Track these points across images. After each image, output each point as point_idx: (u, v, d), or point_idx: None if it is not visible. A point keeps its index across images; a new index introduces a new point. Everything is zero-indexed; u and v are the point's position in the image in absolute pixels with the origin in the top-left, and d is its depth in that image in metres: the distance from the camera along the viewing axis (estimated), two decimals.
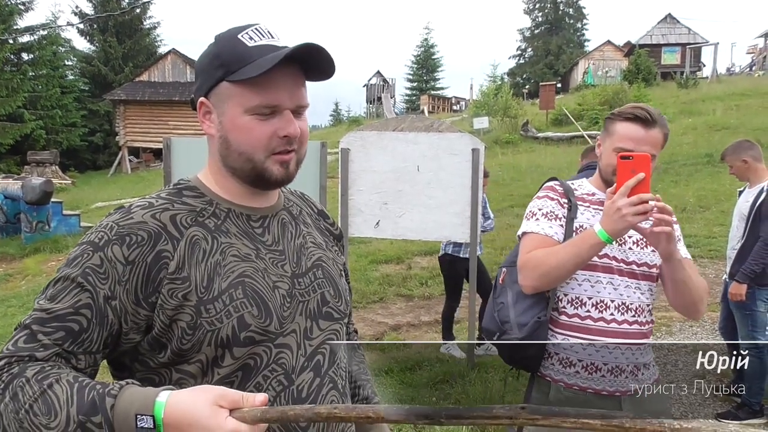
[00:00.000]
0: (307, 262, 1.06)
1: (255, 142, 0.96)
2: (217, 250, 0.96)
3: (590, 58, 37.53)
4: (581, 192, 1.80)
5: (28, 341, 0.86)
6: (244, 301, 0.94)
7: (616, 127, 1.70)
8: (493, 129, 19.92)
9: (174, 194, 1.01)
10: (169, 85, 28.55)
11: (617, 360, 1.68)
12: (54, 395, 0.80)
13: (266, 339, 0.96)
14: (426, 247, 8.22)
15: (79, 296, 0.89)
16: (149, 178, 22.56)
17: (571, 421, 0.75)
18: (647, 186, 1.47)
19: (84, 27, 32.24)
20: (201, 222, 0.98)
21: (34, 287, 8.30)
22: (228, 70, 0.95)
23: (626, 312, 1.69)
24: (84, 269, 0.90)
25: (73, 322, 0.88)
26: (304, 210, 1.16)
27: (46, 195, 10.31)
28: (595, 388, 1.68)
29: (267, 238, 1.03)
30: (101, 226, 0.95)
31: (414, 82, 47.38)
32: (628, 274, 1.70)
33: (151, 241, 0.93)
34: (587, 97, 22.12)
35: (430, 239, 4.89)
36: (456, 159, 4.29)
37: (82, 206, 16.00)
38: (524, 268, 1.71)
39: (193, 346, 0.92)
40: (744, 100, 18.92)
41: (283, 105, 0.96)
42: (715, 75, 26.85)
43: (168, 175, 3.87)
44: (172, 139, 4.01)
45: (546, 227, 1.74)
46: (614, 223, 1.50)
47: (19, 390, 0.81)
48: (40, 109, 26.36)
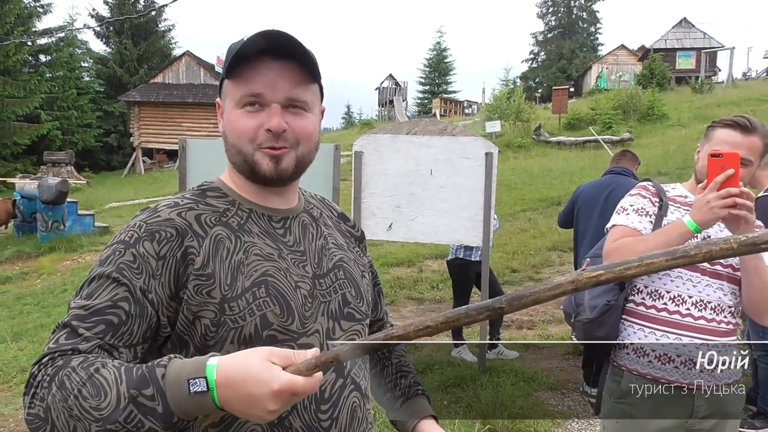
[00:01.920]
0: (328, 263, 1.07)
1: (241, 134, 0.98)
2: (240, 249, 0.98)
3: (604, 62, 37.29)
4: (673, 194, 1.88)
5: (69, 337, 0.87)
6: (267, 300, 0.95)
7: (715, 133, 1.78)
8: (505, 133, 19.86)
9: (198, 195, 1.03)
10: (183, 87, 28.79)
11: (691, 353, 1.71)
12: (102, 377, 0.79)
13: (288, 338, 0.97)
14: (437, 251, 8.22)
15: (116, 291, 0.90)
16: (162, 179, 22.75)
17: (635, 266, 0.75)
18: (736, 182, 1.57)
19: (100, 29, 32.64)
20: (224, 222, 1.00)
21: (49, 285, 8.40)
22: (227, 69, 0.98)
23: (704, 309, 1.73)
24: (118, 266, 0.92)
25: (112, 315, 0.88)
26: (324, 213, 1.17)
27: (61, 195, 10.43)
28: (667, 379, 1.73)
29: (288, 238, 1.05)
30: (130, 226, 0.97)
31: (426, 86, 47.35)
32: (710, 273, 1.75)
33: (179, 238, 0.94)
34: (600, 101, 21.99)
35: (442, 242, 4.89)
36: (469, 163, 4.30)
37: (96, 206, 16.18)
38: (612, 254, 1.78)
39: (216, 344, 0.93)
40: (761, 106, 18.70)
41: (268, 97, 0.96)
42: (731, 80, 26.58)
43: (183, 176, 3.91)
44: (188, 141, 4.05)
45: (636, 221, 1.81)
46: (703, 215, 1.60)
47: (66, 378, 0.80)
48: (56, 110, 26.72)
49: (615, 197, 2.14)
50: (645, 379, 1.75)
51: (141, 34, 33.03)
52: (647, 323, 1.77)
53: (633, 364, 1.78)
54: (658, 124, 19.48)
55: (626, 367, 1.79)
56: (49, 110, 26.20)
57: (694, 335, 1.72)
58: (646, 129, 18.98)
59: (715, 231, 1.77)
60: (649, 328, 1.76)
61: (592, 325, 1.83)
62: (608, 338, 1.81)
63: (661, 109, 20.18)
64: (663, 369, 1.73)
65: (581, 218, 4.08)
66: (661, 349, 1.74)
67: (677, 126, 18.06)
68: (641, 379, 1.75)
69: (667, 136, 16.74)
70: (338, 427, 1.00)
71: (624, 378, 1.79)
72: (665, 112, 20.10)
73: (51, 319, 6.66)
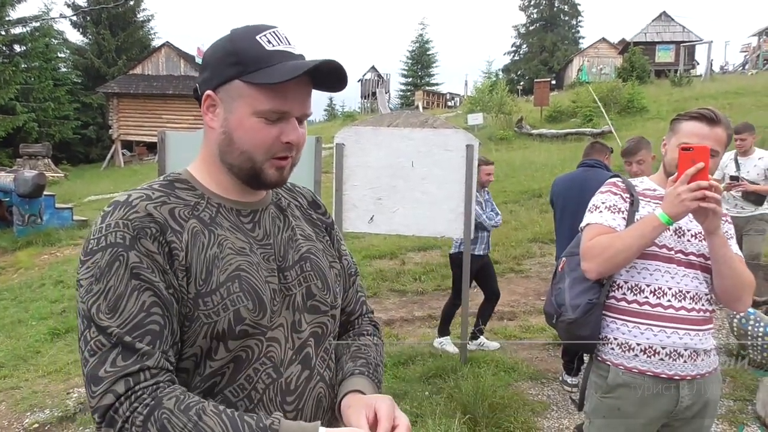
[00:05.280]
0: (294, 255, 1.07)
1: (259, 143, 0.98)
2: (214, 242, 0.97)
3: (585, 55, 37.57)
4: (642, 188, 1.90)
5: (127, 356, 0.86)
6: (240, 295, 0.95)
7: (682, 126, 1.81)
8: (488, 125, 19.93)
9: (167, 187, 1.01)
10: (162, 79, 28.38)
11: (675, 345, 1.75)
12: (207, 427, 0.82)
13: (258, 332, 0.97)
14: (420, 243, 8.25)
15: (141, 297, 0.89)
16: (142, 171, 22.45)
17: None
18: (705, 174, 1.61)
19: (77, 19, 31.99)
20: (197, 215, 0.99)
21: (26, 280, 8.26)
22: (243, 70, 0.96)
23: (683, 299, 1.77)
24: (131, 270, 0.89)
25: (152, 324, 0.88)
26: (292, 203, 1.17)
27: (38, 188, 10.26)
28: (653, 371, 1.77)
29: (258, 232, 1.05)
30: (112, 226, 0.92)
31: (409, 78, 47.29)
32: (686, 264, 1.78)
33: (163, 232, 0.93)
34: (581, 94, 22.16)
35: (423, 235, 4.91)
36: (450, 155, 4.31)
37: (74, 199, 15.91)
38: (589, 253, 1.80)
39: (188, 339, 0.93)
40: (737, 99, 19.00)
41: (292, 113, 0.99)
42: (709, 73, 26.94)
43: (163, 168, 3.86)
44: (167, 133, 4.00)
45: (609, 219, 1.84)
46: (674, 207, 1.64)
47: (167, 423, 0.82)
48: (32, 101, 26.14)
49: (589, 189, 2.17)
50: (632, 373, 1.78)
51: (119, 24, 32.42)
52: (630, 318, 1.80)
53: (618, 359, 1.81)
54: (638, 116, 19.70)
55: (611, 362, 1.82)
56: (24, 102, 25.63)
57: (677, 326, 1.76)
58: (626, 122, 19.18)
59: (684, 222, 1.81)
60: (633, 323, 1.79)
61: (575, 325, 1.85)
62: (592, 336, 1.83)
63: (641, 102, 20.41)
64: (649, 362, 1.76)
65: (557, 210, 4.13)
66: (646, 342, 1.76)
67: (656, 119, 18.27)
68: (628, 373, 1.79)
69: (646, 128, 16.90)
70: (303, 418, 1.01)
71: (611, 373, 1.81)
72: (645, 105, 20.33)
73: (29, 314, 6.56)
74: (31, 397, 4.27)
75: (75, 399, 4.15)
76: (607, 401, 1.83)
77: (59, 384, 4.56)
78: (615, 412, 1.82)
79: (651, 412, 1.79)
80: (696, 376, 1.78)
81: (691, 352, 1.76)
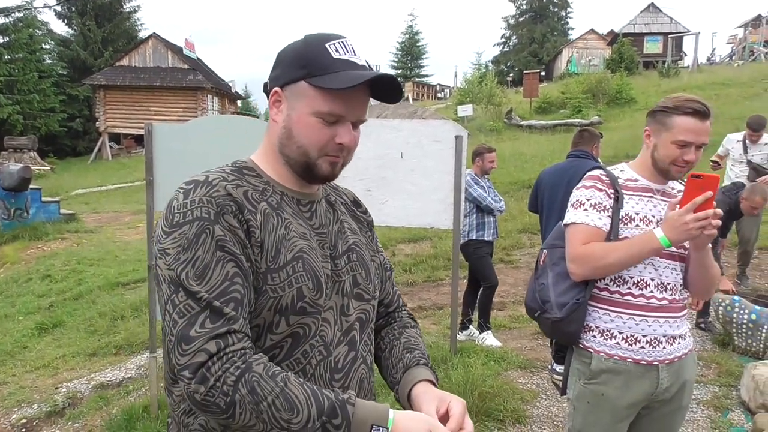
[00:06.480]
0: (343, 245, 1.17)
1: (315, 141, 1.06)
2: (282, 224, 1.06)
3: (574, 46, 37.68)
4: (624, 178, 1.89)
5: (215, 319, 0.93)
6: (303, 275, 1.04)
7: (675, 121, 1.77)
8: (477, 117, 19.97)
9: (237, 172, 1.09)
10: (150, 70, 28.10)
11: (655, 332, 1.80)
12: (293, 394, 0.93)
13: (315, 311, 1.06)
14: (410, 235, 8.26)
15: (225, 268, 0.97)
16: (130, 164, 22.28)
17: None
18: (711, 203, 1.63)
19: (61, 9, 31.52)
20: (266, 199, 1.08)
21: (13, 275, 8.19)
22: (310, 73, 1.04)
23: (665, 290, 1.81)
24: (217, 242, 0.97)
25: (234, 292, 0.96)
26: (338, 199, 1.28)
27: (24, 181, 10.14)
28: (634, 358, 1.81)
29: (314, 221, 1.14)
30: (197, 201, 0.99)
31: (398, 69, 47.18)
32: (667, 256, 1.82)
33: (241, 211, 1.01)
34: (571, 85, 22.24)
35: (413, 226, 4.91)
36: (439, 146, 4.30)
37: (61, 193, 15.77)
38: (581, 260, 1.81)
39: (254, 310, 1.01)
40: (724, 90, 19.18)
41: (347, 117, 1.07)
42: (696, 64, 27.12)
43: (150, 161, 3.81)
44: (155, 125, 3.95)
45: (595, 218, 1.83)
46: (678, 234, 1.67)
47: (256, 385, 0.91)
48: (16, 93, 25.80)
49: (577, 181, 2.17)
50: (614, 360, 1.82)
51: (105, 15, 32.02)
52: (613, 308, 1.83)
53: (600, 347, 1.84)
54: (626, 107, 19.82)
55: (593, 349, 1.85)
56: (8, 94, 25.29)
57: (658, 314, 1.80)
58: (614, 113, 19.29)
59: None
60: (615, 312, 1.82)
61: (562, 324, 1.87)
62: (577, 332, 1.86)
63: (629, 93, 20.52)
64: (630, 350, 1.81)
65: (545, 203, 4.14)
66: (628, 331, 1.80)
67: (644, 109, 18.30)
68: (610, 359, 1.82)
69: (634, 119, 17.04)
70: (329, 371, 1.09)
71: (594, 359, 1.84)
72: (633, 95, 20.45)
73: (15, 309, 6.51)
74: (19, 393, 4.23)
75: (63, 394, 4.12)
76: (591, 387, 1.86)
77: (47, 379, 4.53)
78: (599, 398, 1.85)
79: (633, 395, 1.83)
80: (674, 359, 1.83)
81: (669, 337, 1.82)
